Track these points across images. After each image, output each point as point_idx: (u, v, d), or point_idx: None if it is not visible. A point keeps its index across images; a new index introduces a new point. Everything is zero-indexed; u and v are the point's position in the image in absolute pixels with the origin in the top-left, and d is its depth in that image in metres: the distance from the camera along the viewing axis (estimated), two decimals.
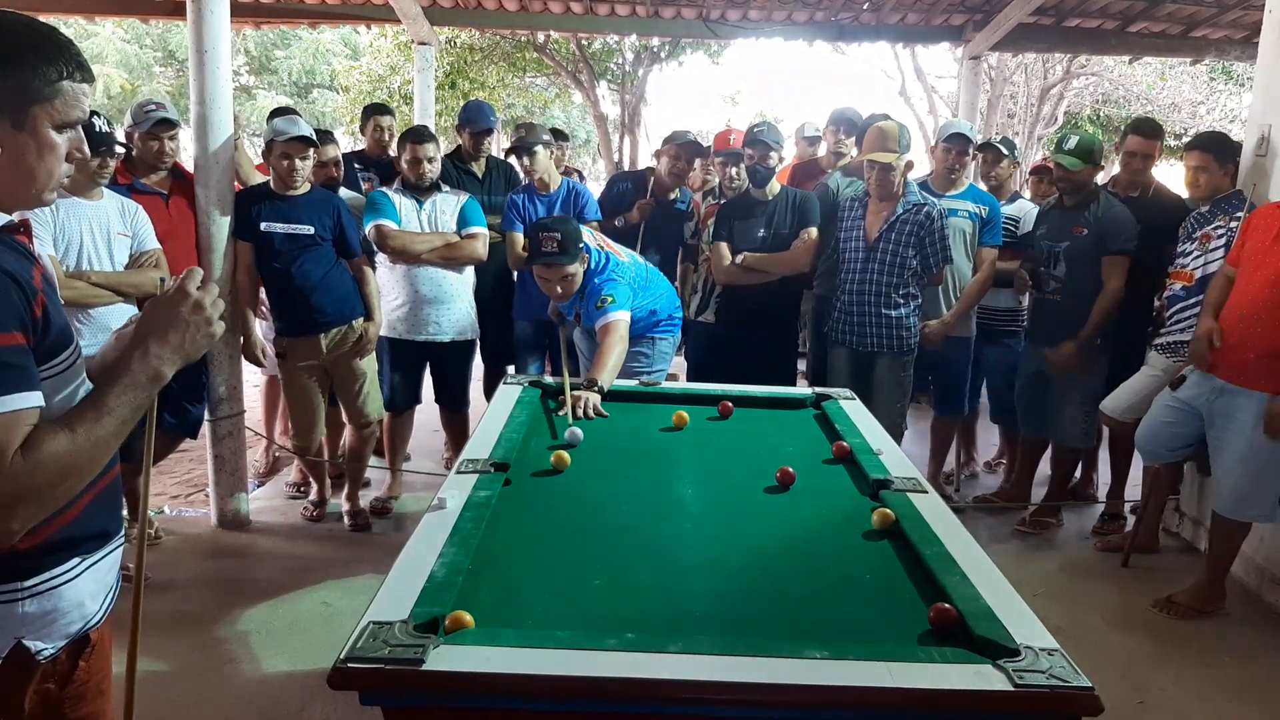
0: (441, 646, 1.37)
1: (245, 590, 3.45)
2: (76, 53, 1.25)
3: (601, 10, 7.05)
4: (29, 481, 1.14)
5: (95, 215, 3.33)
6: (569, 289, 3.37)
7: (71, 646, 1.36)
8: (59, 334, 1.26)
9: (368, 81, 13.09)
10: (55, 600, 1.29)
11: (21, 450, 1.14)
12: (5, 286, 1.16)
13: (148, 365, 1.28)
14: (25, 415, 1.16)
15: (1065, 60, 14.36)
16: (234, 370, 4.05)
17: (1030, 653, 1.40)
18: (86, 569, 1.34)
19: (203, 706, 2.70)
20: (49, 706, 1.35)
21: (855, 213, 4.05)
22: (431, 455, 4.96)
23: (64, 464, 1.18)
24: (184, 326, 1.32)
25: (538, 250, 3.31)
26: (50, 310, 1.24)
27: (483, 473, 2.17)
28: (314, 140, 3.83)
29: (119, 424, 1.25)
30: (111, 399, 1.24)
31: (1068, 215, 4.06)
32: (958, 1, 6.67)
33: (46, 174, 1.25)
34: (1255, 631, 3.36)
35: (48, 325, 1.23)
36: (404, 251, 4.07)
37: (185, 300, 1.33)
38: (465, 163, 4.70)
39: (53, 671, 1.34)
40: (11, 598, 1.25)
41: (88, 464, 1.22)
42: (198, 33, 3.71)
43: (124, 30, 17.13)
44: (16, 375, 1.15)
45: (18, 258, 1.22)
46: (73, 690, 1.38)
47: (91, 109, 3.41)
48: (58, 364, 1.27)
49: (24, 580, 1.26)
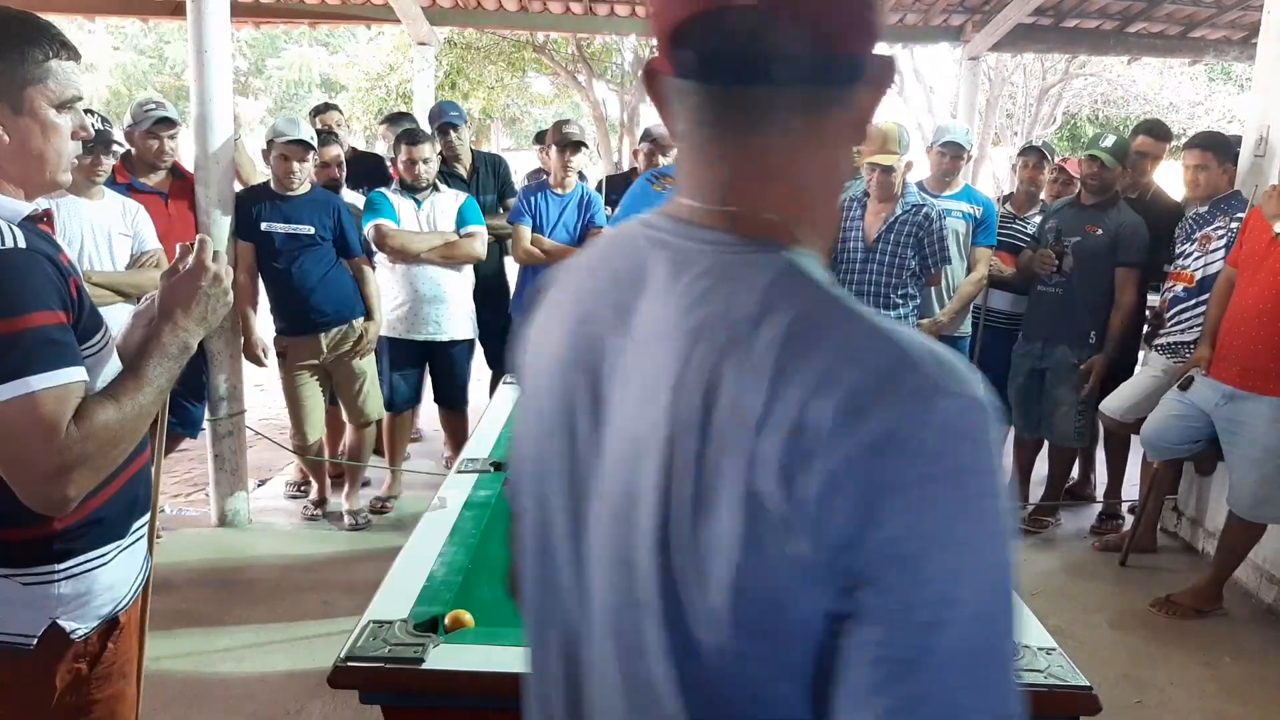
0: (441, 645, 1.37)
1: (245, 589, 3.45)
2: (58, 32, 1.29)
3: (601, 10, 7.06)
4: (83, 450, 1.21)
5: (96, 215, 3.33)
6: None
7: (103, 628, 1.40)
8: (92, 315, 1.33)
9: (366, 80, 13.11)
10: (89, 583, 1.35)
11: (74, 421, 1.21)
12: (43, 266, 1.23)
13: (177, 337, 1.38)
14: (74, 389, 1.22)
15: (1064, 61, 14.37)
16: (234, 370, 4.05)
17: (1028, 652, 1.41)
18: (119, 553, 1.40)
19: (203, 705, 2.70)
20: (78, 685, 1.39)
21: (854, 213, 4.05)
22: (431, 455, 4.97)
23: (113, 432, 1.26)
24: (205, 299, 1.42)
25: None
26: (82, 292, 1.30)
27: (483, 472, 2.17)
28: (313, 145, 3.84)
29: (157, 393, 1.35)
30: (149, 370, 1.34)
31: (1085, 213, 4.06)
32: (957, 2, 6.67)
33: (56, 155, 1.31)
34: (1254, 631, 3.37)
35: (82, 306, 1.29)
36: (403, 251, 4.07)
37: (205, 274, 1.42)
38: (448, 165, 4.65)
39: (84, 651, 1.39)
40: (48, 579, 1.31)
41: (132, 431, 1.31)
42: (198, 32, 3.71)
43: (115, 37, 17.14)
44: (63, 351, 1.22)
45: (47, 243, 1.28)
46: (101, 670, 1.42)
47: (86, 108, 3.42)
48: (94, 344, 1.33)
49: (59, 563, 1.32)
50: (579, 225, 4.28)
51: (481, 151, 5.07)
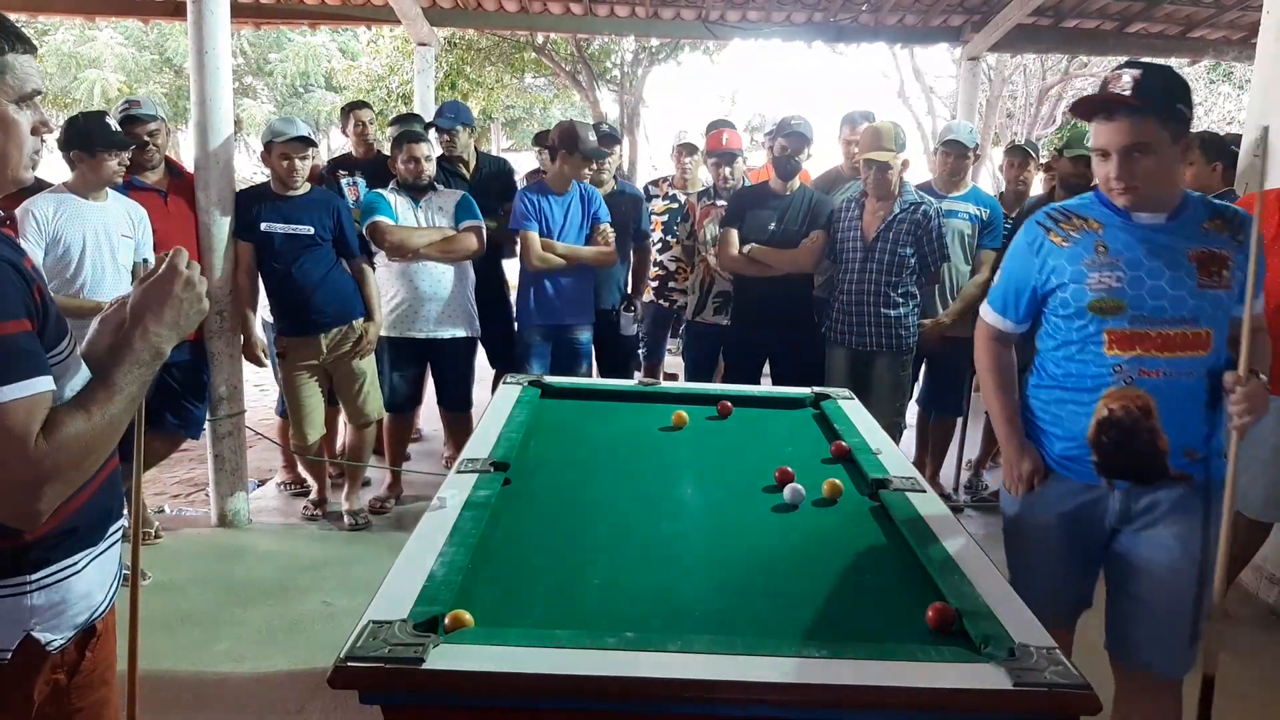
0: (441, 645, 1.37)
1: (245, 589, 3.45)
2: (11, 25, 1.25)
3: (601, 11, 7.06)
4: (53, 463, 1.18)
5: (99, 216, 3.34)
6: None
7: (79, 637, 1.38)
8: (58, 322, 1.29)
9: (366, 81, 13.11)
10: (63, 592, 1.32)
11: (43, 433, 1.18)
12: (6, 273, 1.18)
13: (149, 343, 1.34)
14: (42, 399, 1.19)
15: (1064, 61, 14.38)
16: (234, 370, 4.05)
17: (1029, 652, 1.40)
18: (91, 561, 1.37)
19: (203, 705, 2.70)
20: (58, 696, 1.37)
21: (852, 212, 4.05)
22: (432, 455, 4.97)
23: (84, 443, 1.22)
24: (178, 304, 1.37)
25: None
26: (47, 298, 1.27)
27: (482, 472, 2.17)
28: (313, 140, 3.85)
29: (128, 401, 1.30)
30: (119, 378, 1.29)
31: None
32: (956, 2, 6.68)
33: (17, 151, 1.27)
34: (1255, 631, 3.37)
35: (47, 313, 1.26)
36: (401, 246, 4.07)
37: (177, 278, 1.38)
38: (452, 164, 4.65)
39: (61, 662, 1.36)
40: (19, 591, 1.27)
41: (104, 442, 1.28)
42: (198, 33, 3.72)
43: (121, 35, 17.15)
44: (30, 360, 1.18)
45: (9, 248, 1.24)
46: (80, 680, 1.40)
47: (99, 110, 3.42)
48: (60, 352, 1.29)
49: (31, 573, 1.28)
50: (585, 223, 4.27)
51: (488, 155, 5.08)
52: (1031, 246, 2.09)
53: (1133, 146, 1.87)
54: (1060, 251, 2.03)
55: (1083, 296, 1.98)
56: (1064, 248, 2.03)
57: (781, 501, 2.17)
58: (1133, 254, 1.96)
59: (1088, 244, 2.00)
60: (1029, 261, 2.10)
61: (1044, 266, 2.06)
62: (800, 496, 2.15)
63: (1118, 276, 1.95)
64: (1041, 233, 2.07)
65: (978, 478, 4.85)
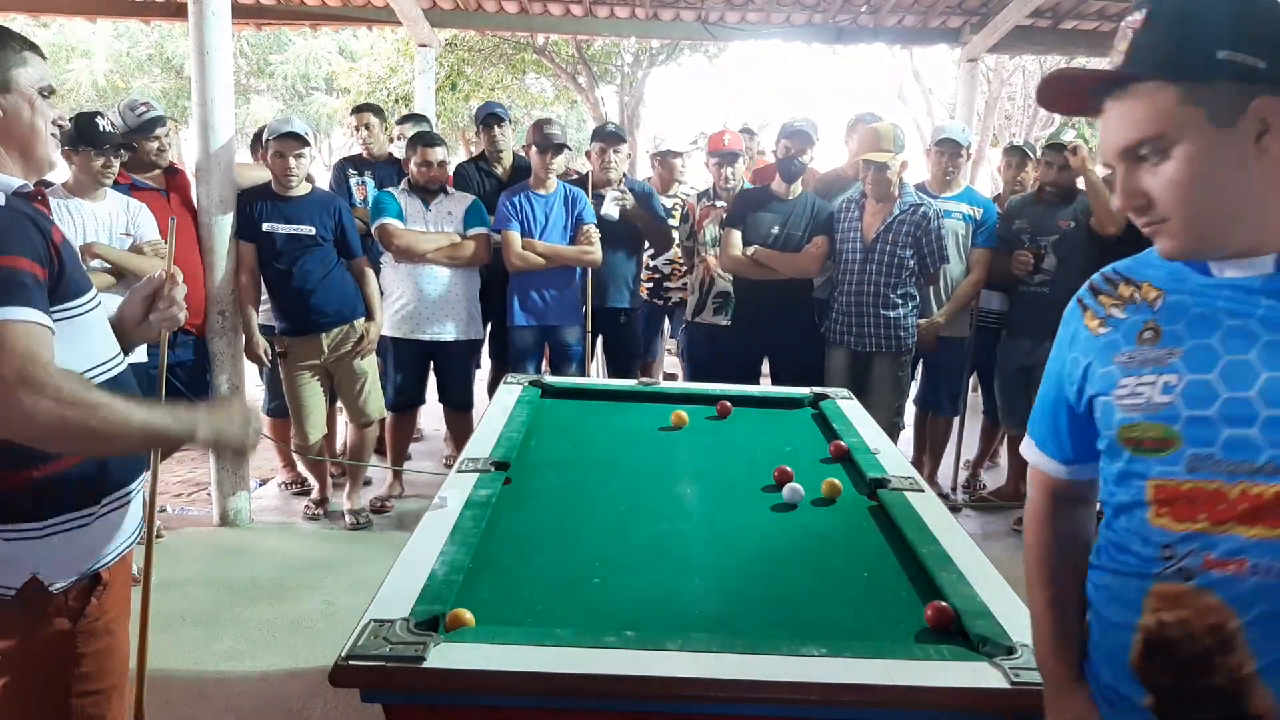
0: (442, 644, 1.38)
1: (246, 588, 3.46)
2: (21, 35, 1.42)
3: (601, 13, 7.07)
4: (58, 387, 1.23)
5: (98, 215, 3.36)
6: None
7: (84, 584, 1.45)
8: (77, 275, 1.40)
9: (367, 83, 13.11)
10: (67, 541, 1.41)
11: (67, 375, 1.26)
12: (24, 223, 1.31)
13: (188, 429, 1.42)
14: (41, 332, 1.26)
15: (1064, 62, 14.38)
16: (236, 370, 4.06)
17: (1027, 650, 1.41)
18: (99, 517, 1.46)
19: (204, 704, 2.71)
20: (62, 640, 1.44)
21: (852, 214, 4.06)
22: (432, 455, 4.97)
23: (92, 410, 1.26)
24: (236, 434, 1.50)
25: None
26: (64, 253, 1.37)
27: (483, 472, 2.18)
28: (307, 138, 3.84)
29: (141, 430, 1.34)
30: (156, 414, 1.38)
31: (1050, 209, 4.15)
32: (955, 4, 6.68)
33: (45, 130, 1.42)
34: None
35: (63, 266, 1.35)
36: (409, 250, 4.09)
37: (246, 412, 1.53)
38: (488, 162, 4.67)
39: (65, 606, 1.43)
40: (25, 535, 1.37)
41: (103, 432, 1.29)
42: (199, 34, 3.73)
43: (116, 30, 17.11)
44: (34, 296, 1.27)
45: (38, 214, 1.36)
46: (85, 626, 1.46)
47: (95, 111, 3.44)
48: (80, 305, 1.39)
49: (38, 521, 1.38)
50: (569, 223, 4.28)
51: (522, 156, 5.03)
52: (1064, 338, 1.24)
53: (1137, 145, 1.03)
54: (1094, 343, 1.17)
55: (1111, 418, 1.13)
56: (1099, 335, 1.16)
57: (780, 501, 2.17)
58: (1200, 340, 1.05)
59: (1132, 327, 1.12)
60: (1061, 362, 1.25)
61: (1075, 369, 1.20)
62: (799, 496, 2.16)
63: (1166, 382, 1.06)
64: (1077, 313, 1.22)
65: (975, 477, 4.86)
